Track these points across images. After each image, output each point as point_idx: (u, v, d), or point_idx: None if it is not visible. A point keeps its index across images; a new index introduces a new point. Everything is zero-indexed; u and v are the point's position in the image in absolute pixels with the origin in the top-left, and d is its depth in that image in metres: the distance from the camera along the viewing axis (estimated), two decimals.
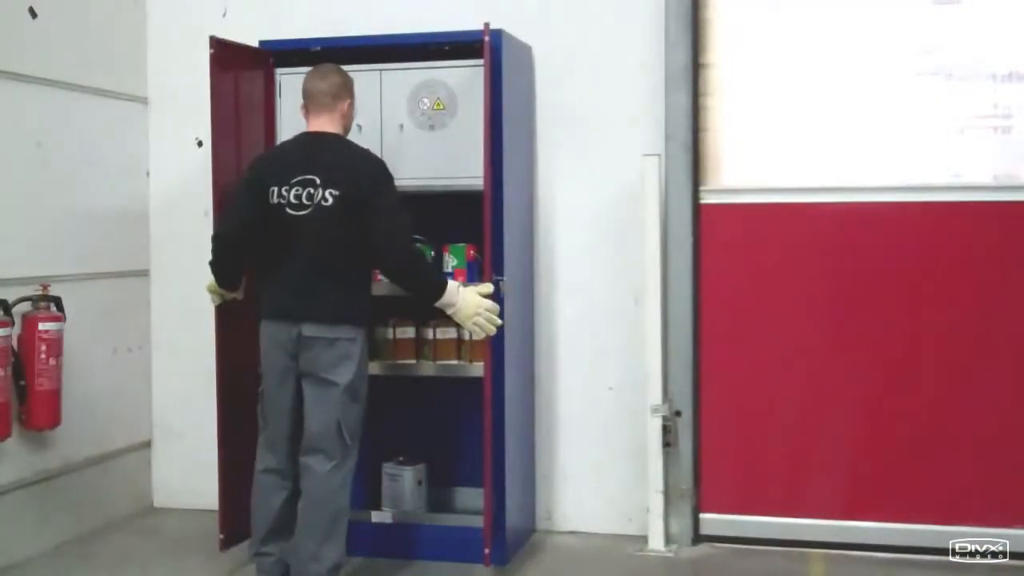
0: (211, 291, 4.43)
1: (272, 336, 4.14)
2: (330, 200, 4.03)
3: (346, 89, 4.27)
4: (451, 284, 4.11)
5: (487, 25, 4.32)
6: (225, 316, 4.51)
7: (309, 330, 4.06)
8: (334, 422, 4.08)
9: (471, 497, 4.99)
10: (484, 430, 4.38)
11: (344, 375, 4.08)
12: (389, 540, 4.80)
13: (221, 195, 4.49)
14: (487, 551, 4.33)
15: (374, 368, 4.78)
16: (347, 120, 4.29)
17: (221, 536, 4.57)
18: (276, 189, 4.09)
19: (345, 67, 4.74)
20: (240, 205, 4.19)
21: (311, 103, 4.24)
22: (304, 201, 4.06)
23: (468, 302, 4.11)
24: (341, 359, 4.08)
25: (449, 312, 4.12)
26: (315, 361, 4.08)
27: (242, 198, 4.19)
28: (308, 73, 4.31)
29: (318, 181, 4.06)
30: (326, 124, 4.21)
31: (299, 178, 4.08)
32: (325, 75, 4.25)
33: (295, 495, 4.21)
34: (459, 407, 4.94)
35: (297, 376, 4.13)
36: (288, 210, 4.07)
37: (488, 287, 4.20)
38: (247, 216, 4.15)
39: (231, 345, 4.50)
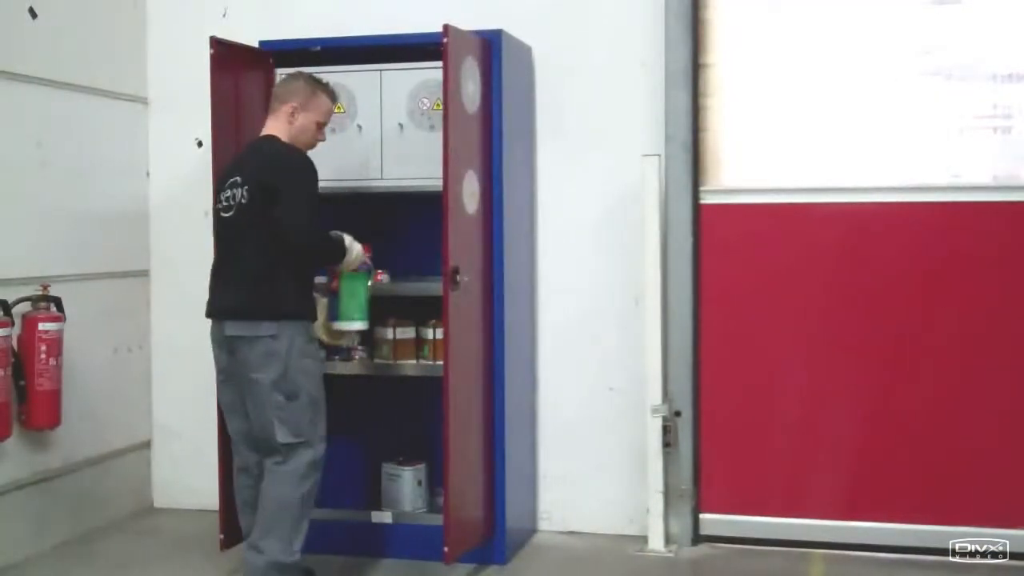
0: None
1: (212, 335, 4.20)
2: (246, 198, 4.08)
3: (295, 93, 4.20)
4: (346, 239, 4.25)
5: (446, 27, 4.26)
6: None
7: (231, 329, 4.08)
8: (269, 421, 4.06)
9: None
10: (444, 429, 4.31)
11: (269, 373, 4.03)
12: (389, 540, 4.80)
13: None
14: (446, 549, 4.28)
15: (374, 368, 4.79)
16: (296, 127, 4.20)
17: (221, 536, 4.56)
18: (218, 195, 4.20)
19: (345, 67, 4.77)
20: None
21: (268, 108, 4.31)
22: (231, 203, 4.13)
23: (355, 255, 4.30)
24: (265, 357, 4.03)
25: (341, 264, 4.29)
26: (243, 361, 4.08)
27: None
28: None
29: (239, 181, 4.12)
30: (270, 127, 4.24)
31: (230, 181, 4.15)
32: (285, 80, 4.31)
33: None
34: None
35: (237, 374, 4.14)
36: (222, 213, 4.16)
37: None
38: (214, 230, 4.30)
39: None
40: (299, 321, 4.11)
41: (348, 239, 4.28)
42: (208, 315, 4.19)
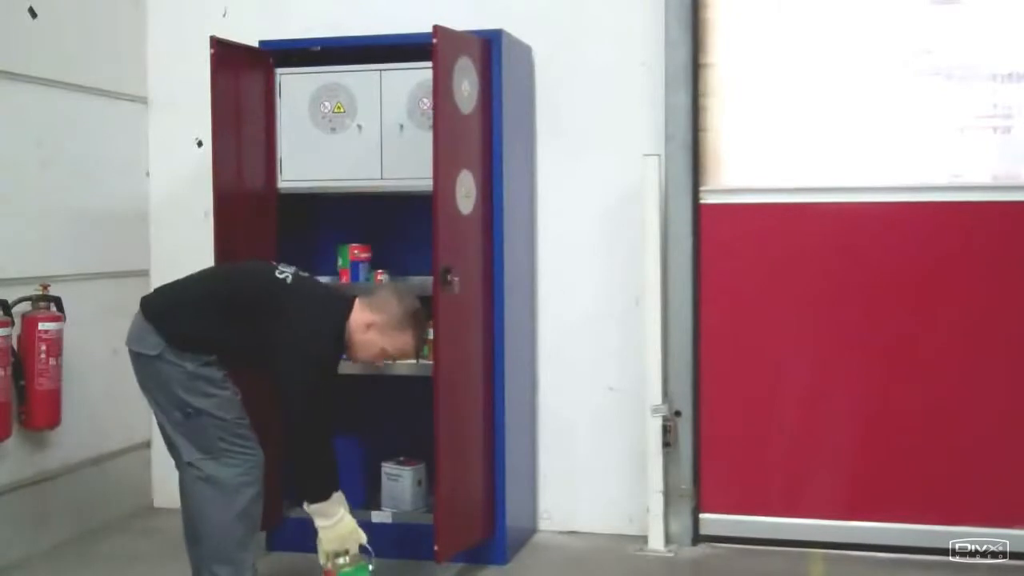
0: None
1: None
2: (288, 276, 3.89)
3: (389, 313, 3.88)
4: (337, 495, 3.76)
5: (436, 28, 4.26)
6: None
7: (127, 339, 3.93)
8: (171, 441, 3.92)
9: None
10: (435, 428, 4.29)
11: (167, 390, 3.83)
12: (389, 540, 4.79)
13: (221, 196, 4.50)
14: (436, 548, 4.28)
15: (374, 368, 4.77)
16: (364, 337, 3.88)
17: None
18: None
19: (345, 67, 4.78)
20: None
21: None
22: (281, 273, 3.93)
23: (346, 526, 3.78)
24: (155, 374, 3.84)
25: (317, 524, 3.76)
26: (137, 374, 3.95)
27: None
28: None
29: (294, 272, 3.94)
30: (356, 305, 3.92)
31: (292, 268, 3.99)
32: (394, 295, 3.98)
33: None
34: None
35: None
36: (277, 274, 3.94)
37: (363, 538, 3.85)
38: None
39: None
40: (187, 352, 3.77)
41: (338, 496, 3.77)
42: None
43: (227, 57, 4.59)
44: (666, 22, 4.88)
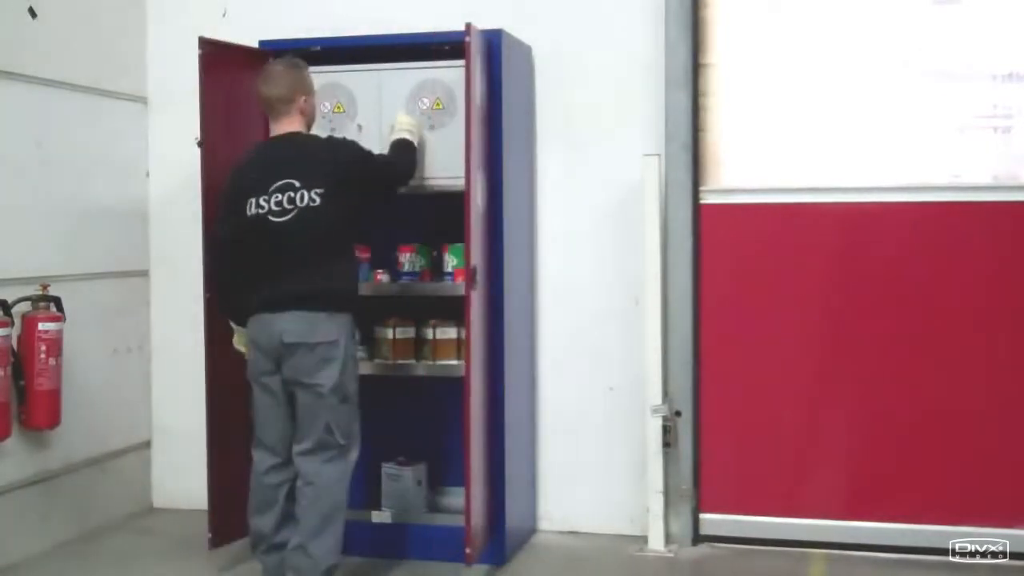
0: (239, 345, 4.34)
1: (255, 339, 4.14)
2: (317, 200, 4.05)
3: (300, 87, 4.25)
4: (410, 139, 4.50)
5: (468, 25, 4.28)
6: (214, 318, 4.50)
7: (290, 336, 4.05)
8: (323, 424, 4.11)
9: None
10: (464, 429, 4.34)
11: (329, 378, 4.09)
12: (389, 540, 4.80)
13: (215, 197, 4.49)
14: (468, 551, 4.31)
15: (374, 368, 4.79)
16: (308, 116, 4.31)
17: (210, 535, 4.59)
18: (254, 199, 4.09)
19: (345, 67, 4.78)
20: (223, 228, 4.21)
21: (269, 110, 4.25)
22: (287, 206, 4.07)
23: (416, 123, 4.59)
24: (323, 363, 4.08)
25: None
26: (298, 367, 4.08)
27: (222, 220, 4.21)
28: (260, 78, 4.26)
29: (298, 184, 4.06)
30: (289, 125, 4.21)
31: (277, 184, 4.08)
32: (276, 80, 4.22)
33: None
34: (458, 407, 4.93)
35: (283, 378, 4.13)
36: (271, 218, 4.07)
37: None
38: (231, 235, 4.17)
39: (221, 345, 4.48)
40: (356, 314, 4.23)
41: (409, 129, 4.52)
42: (256, 319, 4.12)
43: (224, 57, 4.58)
44: (666, 22, 4.88)
